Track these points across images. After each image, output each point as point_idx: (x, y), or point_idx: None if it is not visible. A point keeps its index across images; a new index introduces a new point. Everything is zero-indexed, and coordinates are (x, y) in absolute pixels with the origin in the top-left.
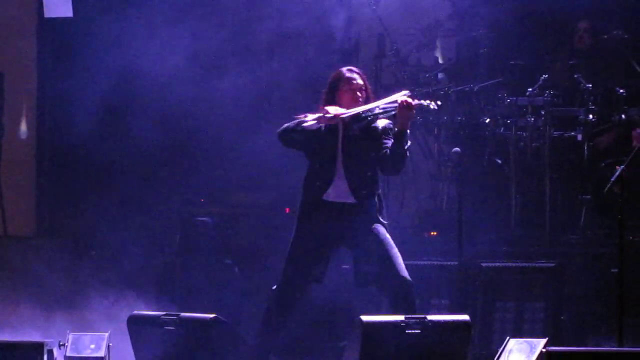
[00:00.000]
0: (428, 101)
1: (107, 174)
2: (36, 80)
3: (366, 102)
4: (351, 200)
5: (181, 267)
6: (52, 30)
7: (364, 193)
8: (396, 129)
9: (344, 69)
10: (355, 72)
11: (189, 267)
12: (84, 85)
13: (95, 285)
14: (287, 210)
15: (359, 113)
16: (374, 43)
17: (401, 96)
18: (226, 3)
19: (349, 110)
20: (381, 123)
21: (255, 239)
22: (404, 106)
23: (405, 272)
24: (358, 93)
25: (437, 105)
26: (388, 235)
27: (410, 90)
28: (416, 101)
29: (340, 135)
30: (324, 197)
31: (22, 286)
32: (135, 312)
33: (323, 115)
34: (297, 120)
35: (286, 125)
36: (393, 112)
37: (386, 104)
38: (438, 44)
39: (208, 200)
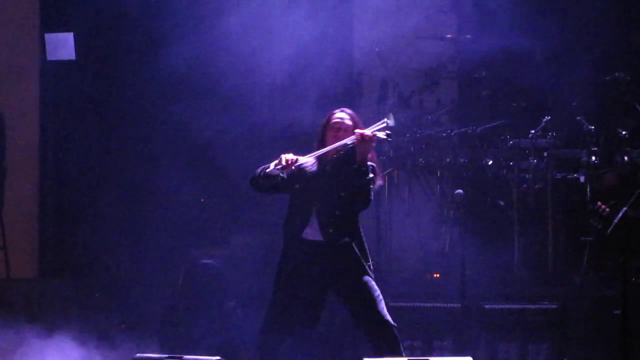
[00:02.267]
0: (383, 133)
1: (109, 215)
2: (38, 122)
3: None
4: (319, 238)
5: (184, 309)
6: (54, 72)
7: (331, 232)
8: (357, 162)
9: (336, 111)
10: (345, 113)
11: (192, 308)
12: (87, 127)
13: (99, 326)
14: None
15: (324, 154)
16: (376, 85)
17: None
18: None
19: (302, 157)
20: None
21: (258, 281)
22: (360, 138)
23: (387, 315)
24: (341, 134)
25: (389, 135)
26: (368, 276)
27: (413, 132)
28: (369, 132)
29: (315, 174)
30: (303, 235)
31: (25, 328)
32: (139, 354)
33: (279, 162)
34: (262, 167)
35: (254, 173)
36: (351, 145)
37: (339, 144)
38: (440, 85)
39: (211, 242)
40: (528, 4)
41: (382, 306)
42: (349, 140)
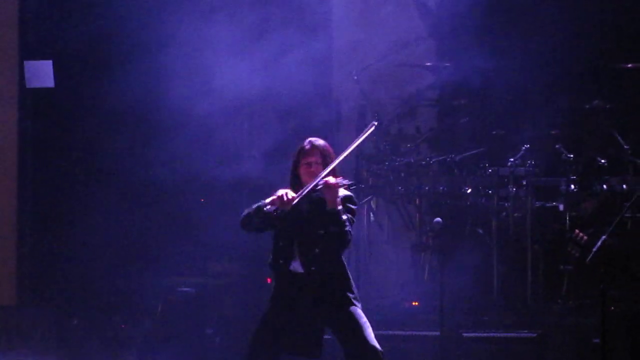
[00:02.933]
0: (344, 181)
1: (87, 242)
2: (17, 148)
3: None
4: (303, 271)
5: (163, 336)
6: (33, 99)
7: (313, 269)
8: (327, 209)
9: (305, 143)
10: (315, 146)
11: (171, 336)
12: (65, 153)
13: (77, 354)
14: (269, 280)
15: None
16: (355, 113)
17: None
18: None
19: (296, 195)
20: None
21: (236, 310)
22: (326, 186)
23: (374, 341)
24: (313, 169)
25: (352, 183)
26: (356, 309)
27: (392, 160)
28: (334, 180)
29: (293, 214)
30: (290, 269)
31: (1, 356)
32: None
33: (276, 199)
34: (256, 206)
35: (246, 211)
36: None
37: (314, 184)
38: (419, 113)
39: (190, 270)
40: (507, 32)
41: (369, 332)
42: (319, 182)
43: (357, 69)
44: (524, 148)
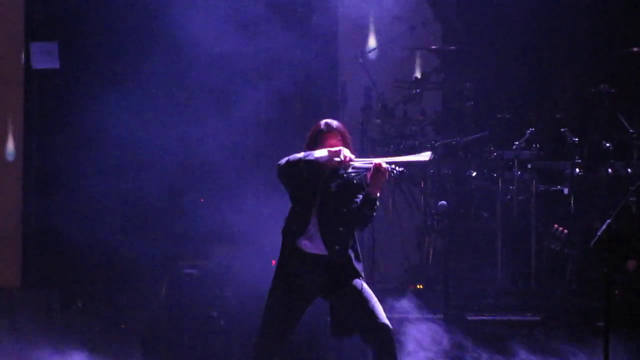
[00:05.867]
0: (395, 167)
1: (92, 224)
2: (22, 129)
3: None
4: (325, 253)
5: (168, 319)
6: (39, 80)
7: (337, 248)
8: (367, 191)
9: (322, 122)
10: (334, 127)
11: (176, 318)
12: (71, 135)
13: (81, 337)
14: (274, 262)
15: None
16: (361, 96)
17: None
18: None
19: (358, 159)
20: (357, 180)
21: (241, 292)
22: (378, 170)
23: (385, 319)
24: (337, 144)
25: (398, 171)
26: (365, 285)
27: (396, 144)
28: (388, 167)
29: (320, 189)
30: (299, 245)
31: (6, 338)
32: None
33: (335, 153)
34: (307, 153)
35: (293, 156)
36: (364, 173)
37: (361, 165)
38: (424, 96)
39: (194, 253)
40: (512, 15)
41: (379, 309)
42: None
43: (363, 52)
44: (528, 132)
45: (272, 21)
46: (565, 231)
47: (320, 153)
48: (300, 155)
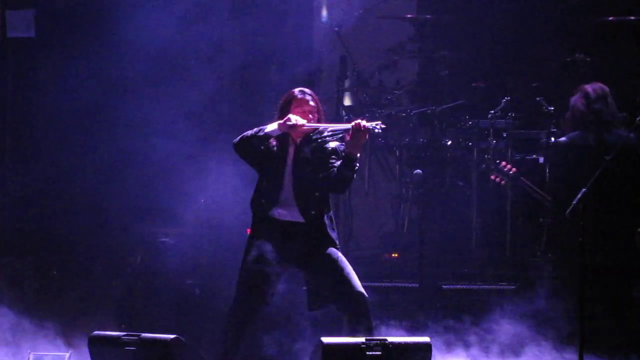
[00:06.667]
0: (375, 123)
1: (68, 192)
2: None
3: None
4: (300, 220)
5: (142, 288)
6: (13, 48)
7: (313, 214)
8: (347, 152)
9: (296, 90)
10: (307, 94)
11: (150, 287)
12: (45, 103)
13: (56, 304)
14: (249, 230)
15: (315, 129)
16: (335, 64)
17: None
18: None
19: (309, 124)
20: (331, 144)
21: (216, 260)
22: (357, 129)
23: (360, 287)
24: (310, 115)
25: (381, 128)
26: (340, 254)
27: (371, 112)
28: (367, 124)
29: (291, 156)
30: (273, 214)
31: None
32: (96, 332)
33: (284, 123)
34: (257, 128)
35: (245, 132)
36: (341, 135)
37: (338, 127)
38: (399, 65)
39: (168, 220)
40: None
41: (354, 278)
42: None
43: (339, 21)
44: (504, 100)
45: None
46: (514, 169)
47: (271, 127)
48: (252, 131)
